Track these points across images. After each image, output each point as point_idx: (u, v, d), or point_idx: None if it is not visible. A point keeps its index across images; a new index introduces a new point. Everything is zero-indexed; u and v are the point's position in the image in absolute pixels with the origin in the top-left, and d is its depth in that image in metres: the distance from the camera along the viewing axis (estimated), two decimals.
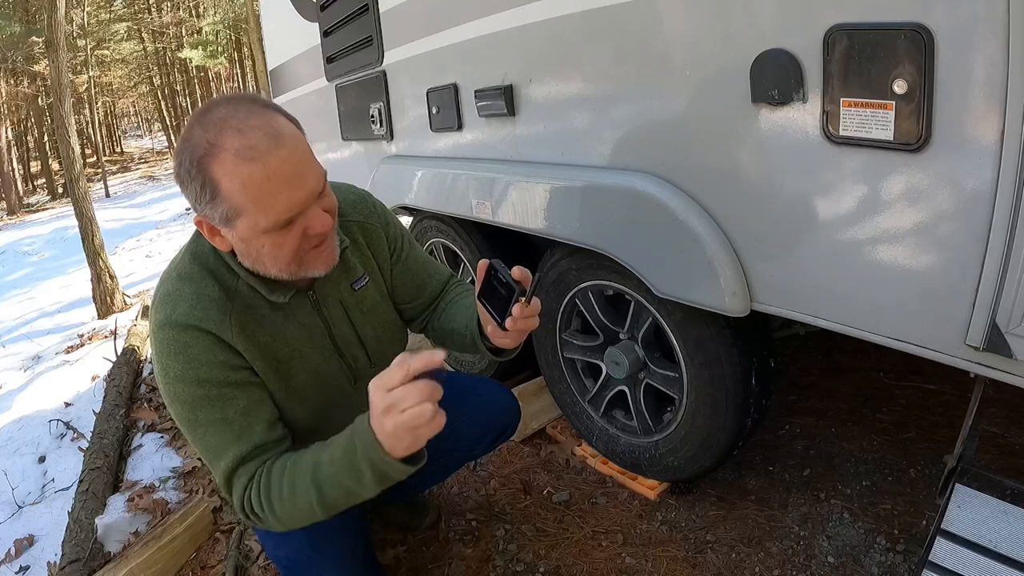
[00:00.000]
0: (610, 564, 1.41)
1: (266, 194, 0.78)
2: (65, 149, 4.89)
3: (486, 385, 1.37)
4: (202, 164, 0.77)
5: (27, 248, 9.97)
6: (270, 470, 0.86)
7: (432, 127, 1.81)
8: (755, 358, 1.30)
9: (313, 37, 2.38)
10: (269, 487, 0.85)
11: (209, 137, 0.77)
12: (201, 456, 0.91)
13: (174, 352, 0.86)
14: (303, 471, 0.83)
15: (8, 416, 2.98)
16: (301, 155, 0.82)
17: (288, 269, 0.88)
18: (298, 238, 0.84)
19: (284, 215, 0.80)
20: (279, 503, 0.84)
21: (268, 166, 0.77)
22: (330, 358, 1.03)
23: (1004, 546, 0.88)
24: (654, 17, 1.11)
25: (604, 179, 1.28)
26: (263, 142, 0.77)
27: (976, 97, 0.75)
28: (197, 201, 0.81)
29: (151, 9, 20.00)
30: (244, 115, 0.78)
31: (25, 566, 1.81)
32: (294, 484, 0.83)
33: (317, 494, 0.82)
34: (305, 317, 0.99)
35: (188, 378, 0.86)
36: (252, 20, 11.34)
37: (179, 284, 0.90)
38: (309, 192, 0.82)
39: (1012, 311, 0.77)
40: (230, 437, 0.87)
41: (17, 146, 19.71)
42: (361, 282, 1.07)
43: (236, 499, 0.88)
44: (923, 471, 1.55)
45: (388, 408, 0.72)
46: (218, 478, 0.89)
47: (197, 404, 0.87)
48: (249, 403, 0.90)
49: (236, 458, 0.87)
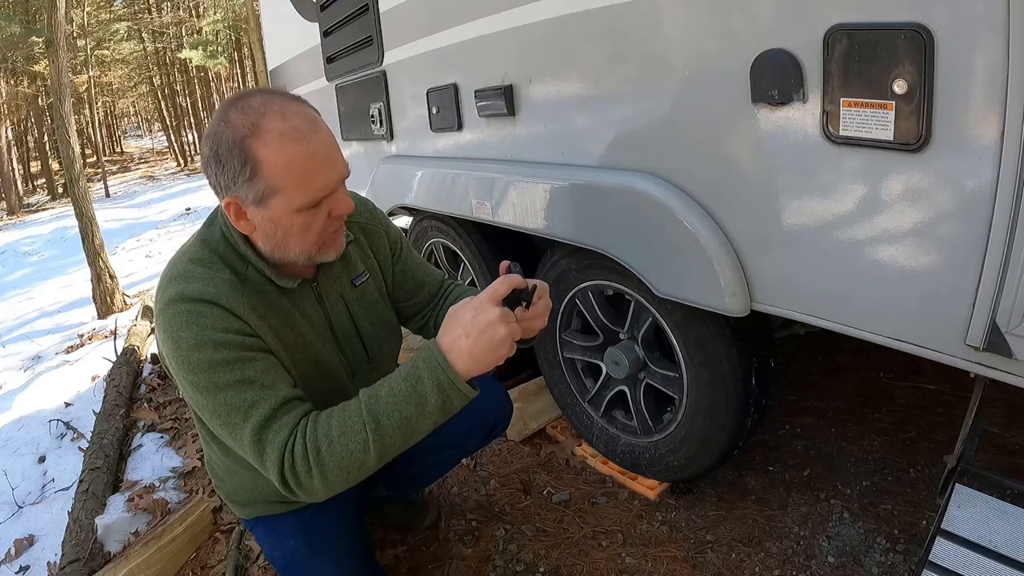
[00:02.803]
0: (610, 564, 1.41)
1: (308, 172, 0.84)
2: (65, 149, 4.89)
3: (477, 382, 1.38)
4: (245, 144, 0.82)
5: (27, 248, 9.97)
6: (316, 419, 0.84)
7: (432, 127, 1.80)
8: (755, 358, 1.30)
9: (313, 37, 2.38)
10: (316, 433, 0.83)
11: (252, 119, 0.82)
12: (221, 426, 0.87)
13: (187, 322, 0.85)
14: (355, 409, 0.83)
15: (8, 416, 2.98)
16: (332, 140, 0.89)
17: (310, 250, 0.92)
18: (324, 219, 0.89)
19: (320, 193, 0.86)
20: (328, 448, 0.81)
21: (311, 146, 0.84)
22: (330, 348, 1.04)
23: (1004, 546, 0.88)
24: (654, 17, 1.11)
25: (604, 179, 1.28)
26: (305, 125, 0.84)
27: (976, 97, 0.75)
28: (234, 180, 0.84)
29: (151, 9, 19.98)
30: (282, 102, 0.85)
31: (25, 566, 1.81)
32: (345, 423, 0.82)
33: (374, 427, 0.81)
34: (309, 307, 1.01)
35: (204, 343, 0.84)
36: (252, 20, 11.33)
37: (191, 266, 0.91)
38: (340, 174, 0.89)
39: (1012, 311, 0.77)
40: (255, 395, 0.85)
41: (17, 146, 19.72)
42: (361, 278, 1.11)
43: (274, 456, 0.83)
44: (923, 471, 1.55)
45: (504, 316, 0.80)
46: (246, 440, 0.85)
47: (215, 368, 0.85)
48: (268, 365, 0.89)
49: (266, 413, 0.84)
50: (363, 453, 0.82)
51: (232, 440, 0.87)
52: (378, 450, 0.82)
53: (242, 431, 0.85)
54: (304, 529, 1.12)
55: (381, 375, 0.88)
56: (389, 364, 1.17)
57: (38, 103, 17.06)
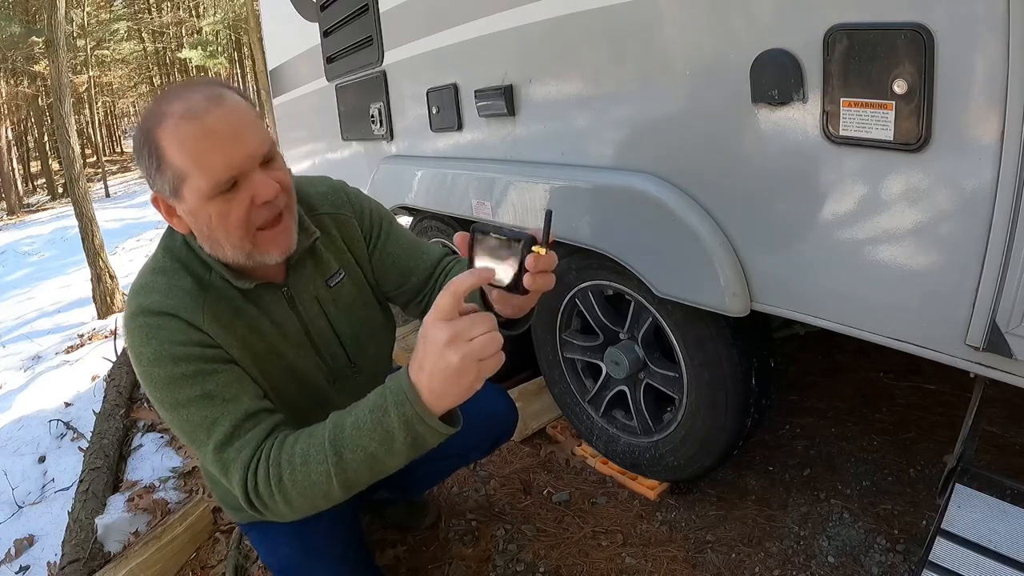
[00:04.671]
0: (610, 564, 1.41)
1: (203, 152, 0.78)
2: (65, 149, 4.90)
3: (484, 389, 1.36)
4: (150, 133, 0.79)
5: (27, 248, 9.97)
6: (282, 441, 0.79)
7: (432, 127, 1.80)
8: (755, 358, 1.30)
9: (313, 37, 2.38)
10: (279, 458, 0.77)
11: (155, 107, 0.81)
12: (188, 443, 0.85)
13: (147, 337, 0.83)
14: (319, 437, 0.76)
15: (8, 416, 2.98)
16: (241, 116, 0.81)
17: (242, 247, 0.85)
18: (244, 207, 0.82)
19: (223, 174, 0.79)
20: (290, 476, 0.76)
21: (205, 123, 0.78)
22: (307, 357, 0.99)
23: (1004, 546, 0.88)
24: (654, 17, 1.11)
25: (604, 179, 1.28)
26: (202, 103, 0.79)
27: (976, 97, 0.75)
28: (149, 175, 0.82)
29: (151, 9, 20.00)
30: (191, 86, 0.82)
31: (25, 566, 1.81)
32: (308, 452, 0.76)
33: (336, 461, 0.74)
34: (280, 314, 0.96)
35: (163, 358, 0.82)
36: (252, 20, 11.33)
37: (152, 277, 0.89)
38: (248, 153, 0.80)
39: (1012, 311, 0.77)
40: (216, 411, 0.81)
41: (17, 146, 19.71)
42: (336, 278, 1.03)
43: (237, 476, 0.79)
44: (923, 471, 1.55)
45: (453, 339, 0.65)
46: (208, 458, 0.81)
47: (175, 383, 0.82)
48: (231, 377, 0.85)
49: (227, 430, 0.80)
50: (326, 484, 0.76)
51: (199, 457, 0.85)
52: (342, 483, 0.76)
53: (206, 449, 0.81)
54: (298, 535, 1.09)
55: (367, 379, 0.85)
56: (376, 366, 1.11)
57: (38, 103, 17.06)
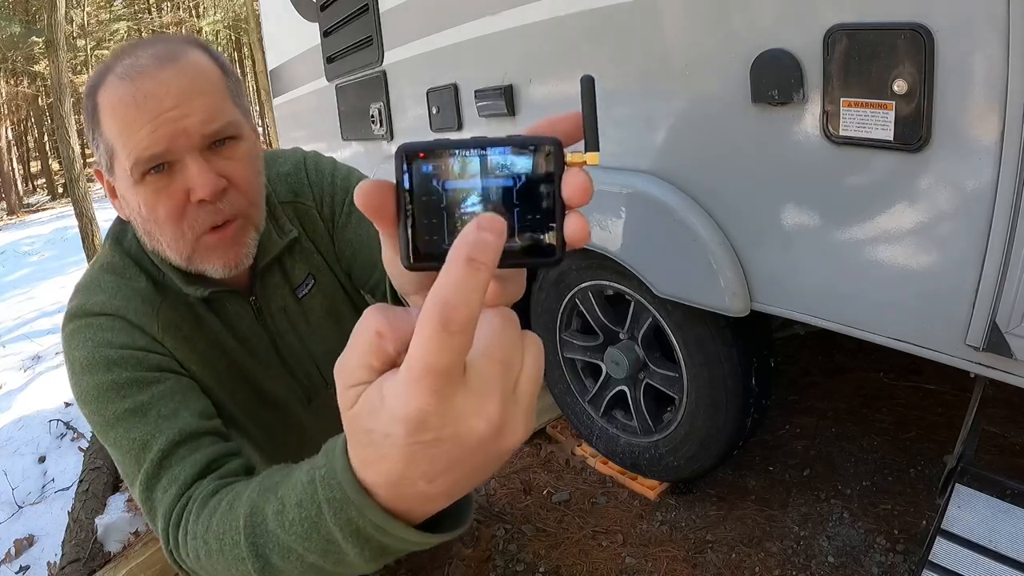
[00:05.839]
0: (610, 564, 1.41)
1: (130, 121, 0.62)
2: (65, 149, 4.90)
3: None
4: (92, 91, 0.65)
5: (27, 248, 9.96)
6: (207, 497, 0.55)
7: (432, 127, 1.80)
8: (755, 358, 1.30)
9: (313, 37, 2.38)
10: (197, 527, 0.54)
11: (108, 61, 0.66)
12: (123, 476, 0.65)
13: (83, 339, 0.68)
14: (234, 525, 0.48)
15: (8, 416, 2.99)
16: (190, 82, 0.64)
17: (178, 249, 0.69)
18: (175, 202, 0.65)
19: (145, 151, 0.62)
20: (207, 560, 0.52)
21: (137, 85, 0.61)
22: (276, 376, 0.86)
23: (1004, 546, 0.88)
24: (654, 17, 1.11)
25: (604, 179, 1.28)
26: (147, 60, 0.63)
27: (976, 97, 0.75)
28: (93, 143, 0.68)
29: (151, 9, 20.00)
30: (153, 40, 0.67)
31: (25, 566, 1.81)
32: (224, 539, 0.49)
33: (261, 568, 0.46)
34: (246, 328, 0.82)
35: (95, 363, 0.66)
36: (252, 20, 11.34)
37: (99, 274, 0.74)
38: (185, 128, 0.63)
39: (1012, 311, 0.77)
40: (147, 429, 0.62)
41: (17, 146, 19.73)
42: (305, 288, 0.86)
43: (160, 524, 0.59)
44: (923, 471, 1.55)
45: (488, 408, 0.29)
46: (138, 496, 0.62)
47: (105, 394, 0.65)
48: (172, 388, 0.67)
49: (156, 456, 0.61)
50: None
51: (129, 488, 0.65)
52: None
53: (134, 486, 0.62)
54: None
55: None
56: None
57: (38, 103, 17.08)
